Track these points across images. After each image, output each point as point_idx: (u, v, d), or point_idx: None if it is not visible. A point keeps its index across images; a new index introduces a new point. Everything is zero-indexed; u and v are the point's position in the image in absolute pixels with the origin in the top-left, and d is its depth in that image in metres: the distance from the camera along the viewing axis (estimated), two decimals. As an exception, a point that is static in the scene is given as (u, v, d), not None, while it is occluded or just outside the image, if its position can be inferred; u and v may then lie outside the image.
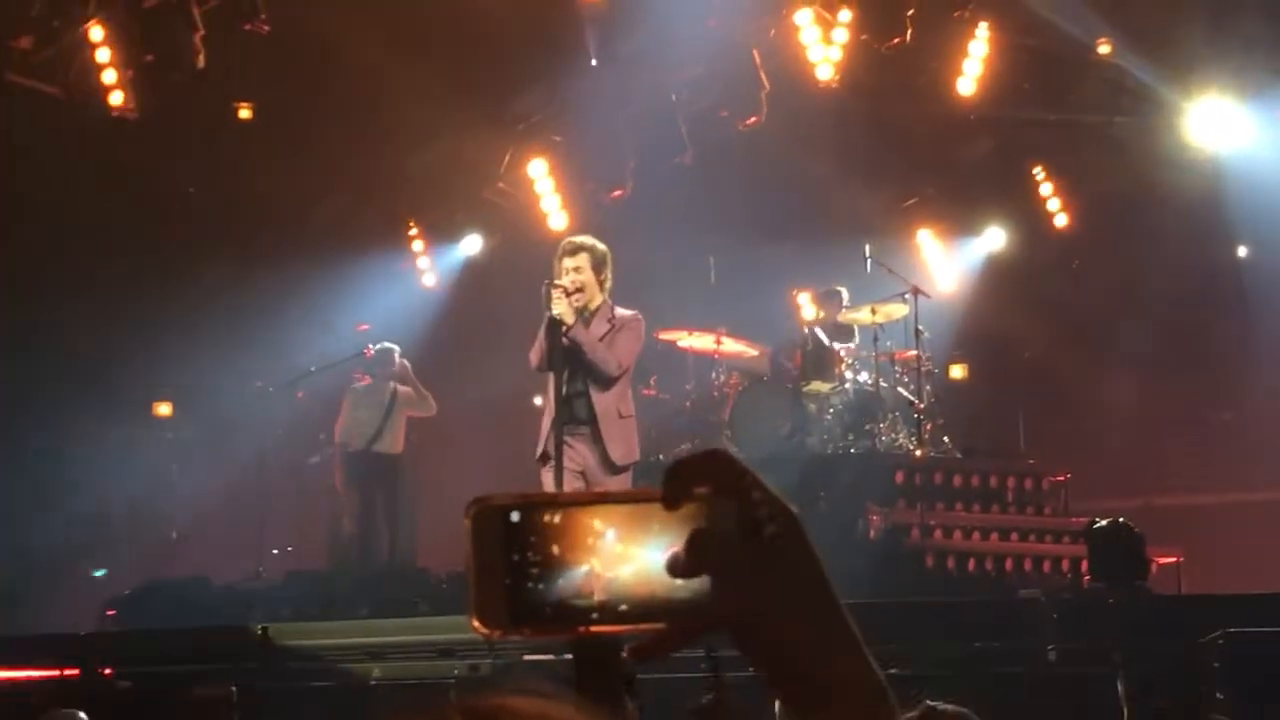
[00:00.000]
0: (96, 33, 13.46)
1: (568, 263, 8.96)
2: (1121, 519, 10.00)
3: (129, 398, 15.32)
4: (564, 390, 8.79)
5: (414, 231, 16.21)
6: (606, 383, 8.90)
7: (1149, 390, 15.66)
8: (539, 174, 15.39)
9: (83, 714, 7.55)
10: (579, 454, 8.89)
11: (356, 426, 13.38)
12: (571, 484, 8.80)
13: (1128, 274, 15.68)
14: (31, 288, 14.84)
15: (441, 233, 16.13)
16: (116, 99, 13.77)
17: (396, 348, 13.62)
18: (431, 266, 16.26)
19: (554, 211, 15.32)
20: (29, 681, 9.34)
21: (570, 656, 1.43)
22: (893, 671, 6.31)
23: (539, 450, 8.91)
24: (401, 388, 13.50)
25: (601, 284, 9.02)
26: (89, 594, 13.13)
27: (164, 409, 15.76)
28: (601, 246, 9.10)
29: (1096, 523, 10.06)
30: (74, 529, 13.93)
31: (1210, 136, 14.45)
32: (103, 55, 13.46)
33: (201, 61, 13.73)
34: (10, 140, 13.93)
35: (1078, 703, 7.74)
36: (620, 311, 9.08)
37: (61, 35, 13.55)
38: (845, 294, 13.78)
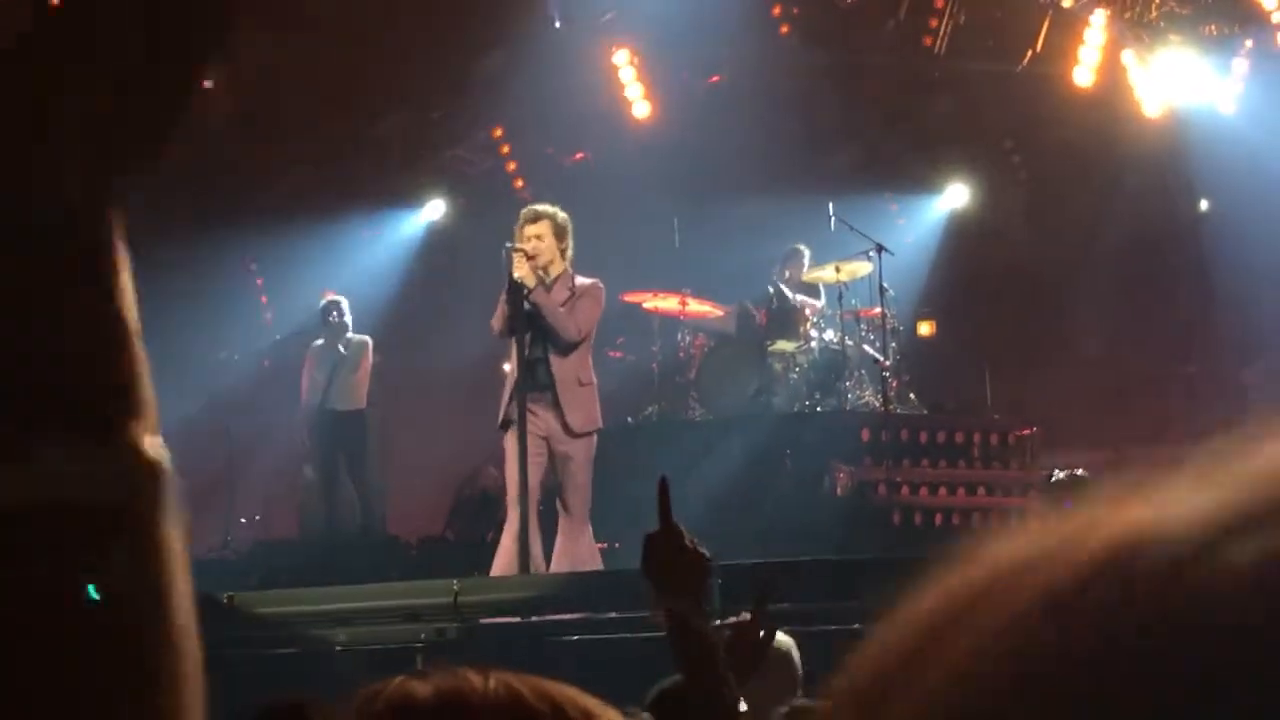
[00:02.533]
0: None
1: (529, 230, 8.97)
2: (1079, 470, 10.06)
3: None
4: (526, 355, 8.80)
5: (378, 196, 16.15)
6: (566, 349, 8.92)
7: (1114, 343, 15.74)
8: (500, 137, 15.36)
9: None
10: (541, 419, 8.92)
11: (314, 385, 13.33)
12: (535, 448, 8.82)
13: (1091, 228, 15.73)
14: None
15: (406, 197, 16.08)
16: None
17: (343, 299, 13.52)
18: (396, 231, 16.21)
19: (515, 175, 15.29)
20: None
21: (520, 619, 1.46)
22: (856, 627, 6.31)
23: (500, 416, 8.93)
24: (358, 339, 13.41)
25: (562, 252, 9.04)
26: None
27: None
28: (562, 214, 9.10)
29: (1053, 475, 10.12)
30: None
31: (1172, 90, 14.48)
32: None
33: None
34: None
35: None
36: (580, 280, 9.10)
37: None
38: (807, 252, 13.79)
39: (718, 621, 3.21)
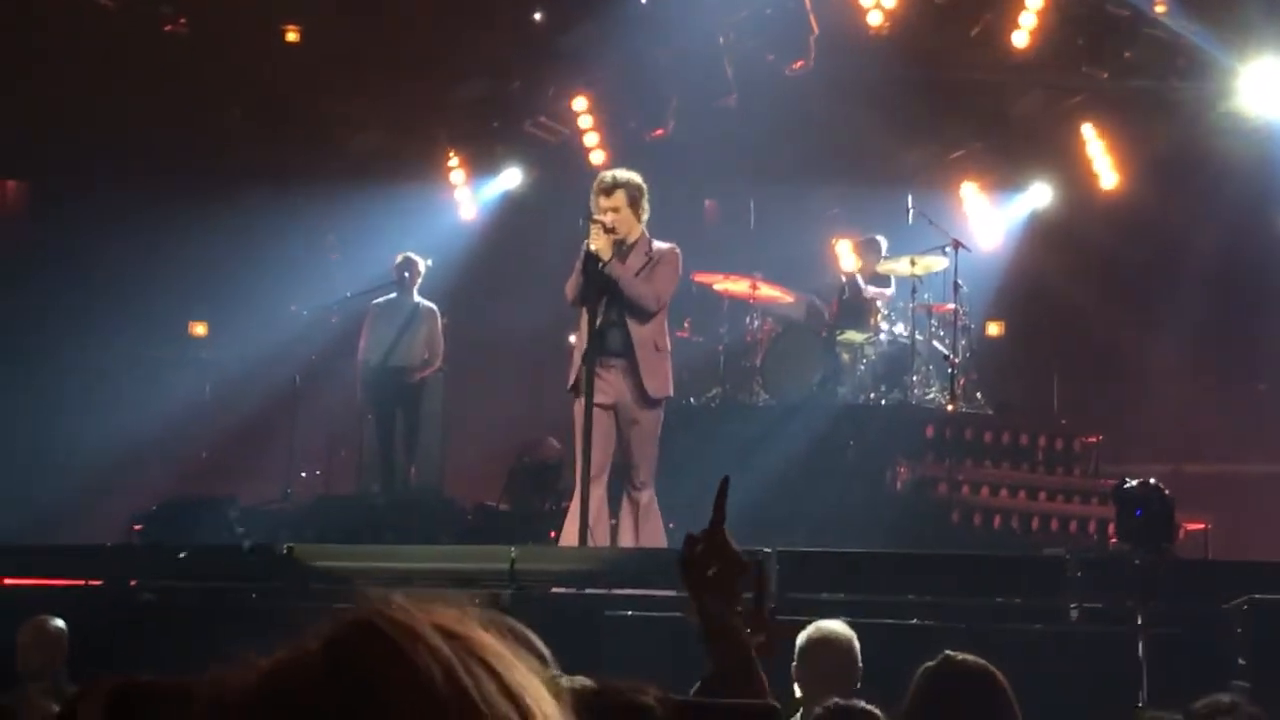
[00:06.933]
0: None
1: (604, 200, 8.92)
2: (1152, 480, 9.92)
3: (165, 317, 15.37)
4: (598, 321, 8.75)
5: (454, 162, 16.16)
6: (644, 316, 8.88)
7: (1186, 356, 15.53)
8: (581, 109, 15.32)
9: (60, 620, 7.58)
10: (611, 386, 8.85)
11: (375, 342, 13.26)
12: (600, 417, 8.78)
13: (1172, 238, 15.51)
14: (72, 205, 14.88)
15: (482, 165, 16.08)
16: (166, 13, 13.77)
17: (419, 259, 13.48)
18: (471, 198, 16.22)
19: (594, 148, 15.26)
20: (53, 590, 9.40)
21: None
22: (913, 622, 6.27)
23: (570, 380, 8.88)
24: (426, 304, 13.37)
25: (638, 217, 8.98)
26: (119, 510, 13.18)
27: (199, 329, 15.84)
28: (637, 179, 9.06)
29: (1126, 483, 9.97)
30: (108, 446, 14.00)
31: (1264, 102, 14.26)
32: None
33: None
34: (60, 52, 13.93)
35: (1097, 661, 7.73)
36: (657, 245, 9.04)
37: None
38: (884, 243, 13.68)
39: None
